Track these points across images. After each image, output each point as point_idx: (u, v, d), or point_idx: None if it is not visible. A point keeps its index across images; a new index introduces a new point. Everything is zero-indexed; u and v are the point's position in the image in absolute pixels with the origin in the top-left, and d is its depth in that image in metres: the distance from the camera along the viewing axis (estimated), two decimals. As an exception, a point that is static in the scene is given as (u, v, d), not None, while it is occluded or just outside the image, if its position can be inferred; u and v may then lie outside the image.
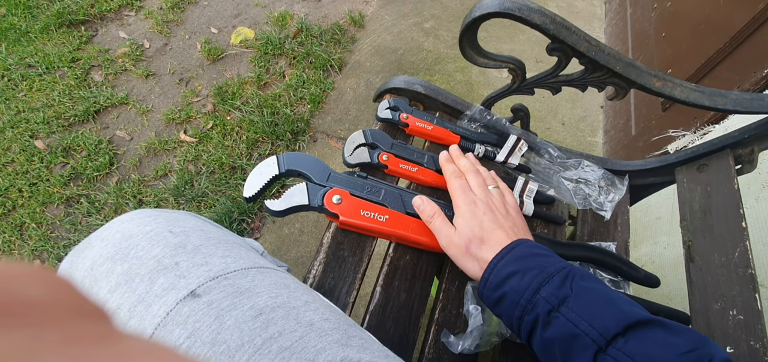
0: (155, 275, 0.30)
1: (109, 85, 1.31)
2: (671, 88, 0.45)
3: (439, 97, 0.60)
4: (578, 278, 0.34)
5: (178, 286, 0.30)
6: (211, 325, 0.28)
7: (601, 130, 1.28)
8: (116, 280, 0.30)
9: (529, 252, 0.37)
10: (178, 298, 0.29)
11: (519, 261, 0.36)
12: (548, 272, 0.35)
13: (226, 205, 1.05)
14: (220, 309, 0.29)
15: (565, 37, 0.43)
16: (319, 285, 0.45)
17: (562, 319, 0.32)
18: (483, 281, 0.38)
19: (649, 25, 1.14)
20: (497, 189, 0.47)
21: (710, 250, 0.47)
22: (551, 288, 0.34)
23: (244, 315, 0.29)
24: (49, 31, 1.41)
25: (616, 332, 0.30)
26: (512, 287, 0.35)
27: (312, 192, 0.47)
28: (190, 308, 0.29)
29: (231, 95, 1.30)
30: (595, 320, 0.31)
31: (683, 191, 0.53)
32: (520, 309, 0.34)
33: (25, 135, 1.16)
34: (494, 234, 0.40)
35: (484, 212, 0.42)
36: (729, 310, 0.42)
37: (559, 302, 0.33)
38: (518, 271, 0.35)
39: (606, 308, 0.32)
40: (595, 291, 0.33)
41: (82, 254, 0.33)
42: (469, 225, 0.41)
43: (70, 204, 1.06)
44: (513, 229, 0.41)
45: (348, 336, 0.33)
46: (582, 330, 0.31)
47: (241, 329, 0.29)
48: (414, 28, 1.58)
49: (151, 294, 0.29)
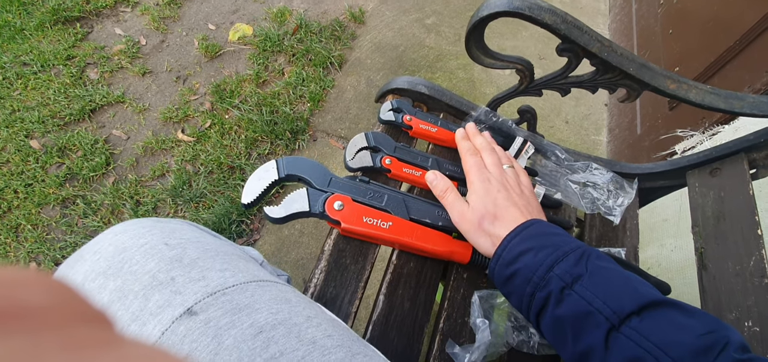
0: (150, 291, 0.29)
1: (105, 83, 1.29)
2: (686, 90, 0.43)
3: (443, 98, 0.59)
4: (594, 257, 0.34)
5: (174, 303, 0.28)
6: (208, 345, 0.27)
7: (606, 128, 1.26)
8: (109, 297, 0.29)
9: (544, 230, 0.37)
10: (174, 316, 0.28)
11: (533, 238, 0.36)
12: (563, 250, 0.34)
13: (224, 206, 1.03)
14: (218, 328, 0.28)
15: (577, 37, 0.41)
16: (321, 294, 0.44)
17: (576, 296, 0.31)
18: (495, 257, 0.37)
19: (655, 21, 1.12)
20: (512, 168, 0.46)
21: (724, 258, 0.45)
22: (566, 265, 0.33)
23: (243, 334, 0.28)
24: (44, 28, 1.39)
25: (630, 311, 0.30)
26: (525, 264, 0.34)
27: (313, 198, 0.46)
28: (187, 327, 0.27)
29: (229, 93, 1.28)
30: (610, 298, 0.31)
31: (695, 196, 0.52)
32: (532, 286, 0.34)
33: (20, 134, 1.14)
34: (508, 211, 0.40)
35: (498, 189, 0.42)
36: (744, 321, 0.41)
37: (572, 279, 0.32)
38: (532, 248, 0.35)
39: (621, 287, 0.31)
40: (611, 270, 0.33)
41: (73, 268, 0.32)
42: (482, 202, 0.41)
43: (66, 206, 1.05)
44: (527, 208, 0.41)
45: (352, 354, 0.32)
46: (596, 307, 0.30)
47: (241, 349, 0.27)
48: (415, 24, 1.56)
49: (145, 312, 0.28)
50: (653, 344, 0.28)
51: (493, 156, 0.46)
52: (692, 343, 0.28)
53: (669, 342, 0.28)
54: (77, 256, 0.33)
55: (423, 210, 0.48)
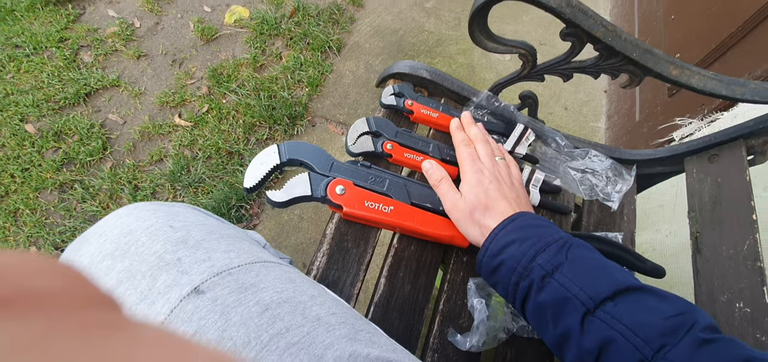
0: (157, 272, 0.29)
1: (100, 66, 1.27)
2: (688, 76, 0.43)
3: (444, 83, 0.58)
4: (574, 247, 0.35)
5: (181, 283, 0.29)
6: (216, 322, 0.28)
7: (604, 115, 1.26)
8: (117, 278, 0.29)
9: (530, 222, 0.38)
10: (182, 295, 0.28)
11: (519, 230, 0.37)
12: (545, 241, 0.36)
13: (223, 191, 1.03)
14: (226, 306, 0.28)
15: (582, 21, 0.41)
16: (323, 277, 0.45)
17: (555, 284, 0.33)
18: (483, 248, 0.39)
19: (657, 6, 1.11)
20: (504, 160, 0.47)
21: (719, 242, 0.46)
22: (547, 256, 0.35)
23: (249, 311, 0.29)
24: (35, 10, 1.35)
25: (605, 296, 0.31)
26: (510, 254, 0.36)
27: (315, 182, 0.46)
28: (195, 305, 0.28)
29: (226, 77, 1.27)
30: (587, 285, 0.32)
31: (692, 182, 0.52)
32: (516, 276, 0.35)
33: (15, 118, 1.12)
34: (498, 203, 0.41)
35: (490, 181, 0.43)
36: (736, 303, 0.42)
37: (553, 268, 0.34)
38: (517, 240, 0.36)
39: (598, 274, 0.33)
40: (589, 259, 0.34)
41: (78, 251, 0.32)
42: (474, 192, 0.42)
43: (64, 190, 1.04)
44: (516, 201, 0.42)
45: (356, 330, 0.33)
46: (573, 293, 0.32)
47: (248, 325, 0.28)
48: (415, 8, 1.53)
49: (153, 292, 0.28)
50: (624, 326, 0.30)
51: (487, 147, 0.47)
52: (661, 324, 0.30)
53: (639, 323, 0.30)
54: (82, 240, 0.33)
55: (424, 194, 0.48)
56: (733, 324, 0.42)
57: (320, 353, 0.29)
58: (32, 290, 0.08)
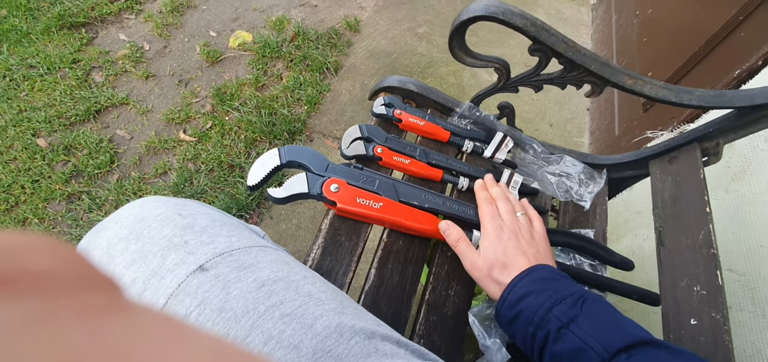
0: (167, 252, 0.33)
1: (110, 85, 1.34)
2: (641, 85, 0.49)
3: (430, 95, 0.64)
4: (589, 301, 0.37)
5: (188, 261, 0.32)
6: (218, 295, 0.31)
7: (588, 131, 1.33)
8: (131, 257, 0.33)
9: (546, 275, 0.40)
10: (188, 272, 0.32)
11: (536, 282, 0.39)
12: (562, 294, 0.37)
13: (224, 202, 1.07)
14: (227, 281, 0.32)
15: (545, 38, 0.47)
16: (318, 267, 0.49)
17: (571, 335, 0.35)
18: (501, 299, 0.40)
19: (632, 31, 1.19)
20: (525, 215, 0.48)
21: (678, 234, 0.51)
22: (563, 307, 0.36)
23: (248, 286, 0.32)
24: (50, 33, 1.44)
25: (619, 348, 0.33)
26: (527, 305, 0.38)
27: (311, 181, 0.50)
28: (200, 280, 0.31)
29: (229, 96, 1.34)
30: (601, 337, 0.34)
31: (656, 182, 0.57)
32: (533, 326, 0.37)
33: (27, 133, 1.18)
34: (516, 260, 0.42)
35: (509, 238, 0.44)
36: (693, 286, 0.46)
37: (569, 320, 0.35)
38: (534, 291, 0.38)
39: (612, 327, 0.34)
40: (604, 312, 0.36)
41: (98, 235, 0.36)
42: (493, 250, 0.44)
43: (72, 201, 1.08)
44: (535, 256, 0.43)
45: (343, 306, 0.36)
46: (588, 344, 0.34)
47: (246, 298, 0.31)
48: (408, 33, 1.63)
49: (163, 269, 0.32)
50: None
51: (507, 204, 0.49)
52: None
53: None
54: (100, 226, 0.37)
55: (411, 193, 0.53)
56: (692, 306, 0.46)
57: (310, 322, 0.32)
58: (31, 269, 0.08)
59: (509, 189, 0.58)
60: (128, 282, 0.32)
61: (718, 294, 0.44)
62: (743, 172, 0.65)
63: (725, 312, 0.43)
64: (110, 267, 0.33)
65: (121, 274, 0.32)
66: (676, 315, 0.46)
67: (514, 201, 0.51)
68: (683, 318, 0.45)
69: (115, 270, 0.33)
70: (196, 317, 0.30)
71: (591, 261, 0.54)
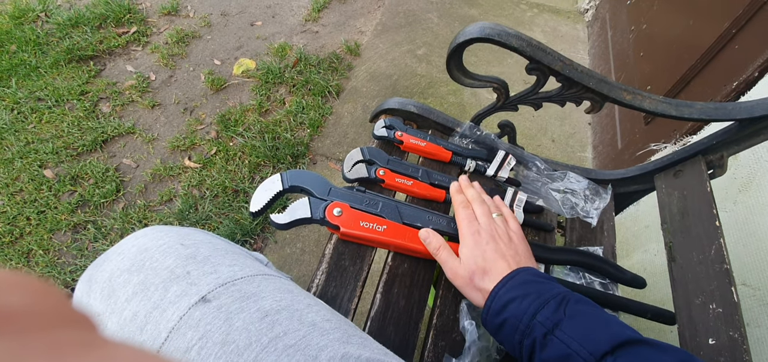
0: (169, 283, 0.33)
1: (117, 115, 1.36)
2: (640, 100, 0.49)
3: (430, 116, 0.65)
4: (572, 302, 0.36)
5: (190, 293, 0.32)
6: (221, 327, 0.30)
7: (590, 145, 1.33)
8: (133, 289, 0.32)
9: (528, 278, 0.39)
10: (190, 304, 0.31)
11: (518, 287, 0.39)
12: (544, 298, 0.37)
13: (229, 227, 1.07)
14: (229, 313, 0.31)
15: (541, 58, 0.48)
16: (322, 293, 0.48)
17: (557, 341, 0.34)
18: (485, 309, 0.40)
19: (628, 46, 1.21)
20: (501, 217, 0.48)
21: (689, 249, 0.50)
22: (547, 312, 0.36)
23: (251, 317, 0.32)
24: (58, 66, 1.48)
25: (605, 350, 0.32)
26: (511, 312, 0.37)
27: (314, 205, 0.50)
28: (202, 312, 0.31)
29: (234, 122, 1.36)
30: (586, 340, 0.33)
31: (662, 196, 0.57)
32: (519, 334, 0.36)
33: (34, 165, 1.19)
34: (496, 264, 0.42)
35: (487, 242, 0.44)
36: (709, 304, 0.45)
37: (553, 325, 0.35)
38: (517, 297, 0.38)
39: (597, 329, 0.34)
40: (587, 313, 0.36)
41: (100, 268, 0.36)
42: (473, 255, 0.43)
43: (77, 231, 1.09)
44: (514, 258, 0.43)
45: (348, 335, 0.35)
46: (573, 350, 0.33)
47: (249, 330, 0.31)
48: (407, 55, 1.66)
49: (165, 301, 0.32)
50: None
51: (483, 206, 0.48)
52: None
53: None
54: (103, 258, 0.37)
55: (414, 215, 0.53)
56: (708, 325, 0.44)
57: (315, 354, 0.31)
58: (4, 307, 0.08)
59: (513, 208, 0.57)
60: (130, 316, 0.31)
61: (735, 312, 0.43)
62: (750, 183, 0.64)
63: (743, 331, 0.42)
64: (112, 299, 0.33)
65: (123, 308, 0.32)
66: (693, 335, 0.44)
67: (489, 202, 0.50)
68: (701, 338, 0.43)
69: (117, 304, 0.32)
70: (198, 351, 0.30)
71: (601, 280, 0.53)
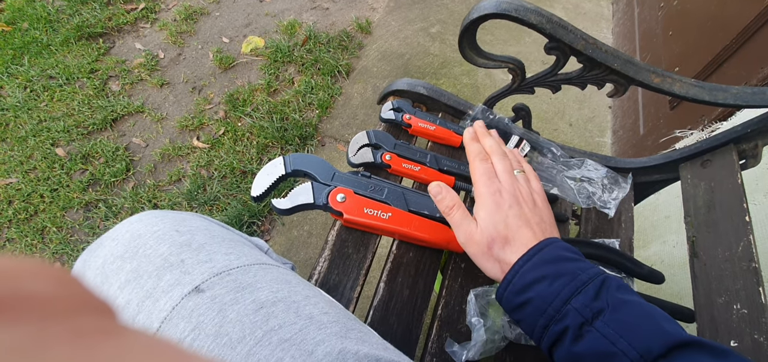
0: (162, 272, 0.31)
1: (126, 94, 1.36)
2: (670, 83, 0.45)
3: (441, 99, 0.62)
4: (613, 289, 0.32)
5: (184, 282, 0.31)
6: (214, 319, 0.29)
7: (610, 130, 1.27)
8: (125, 277, 0.31)
9: (559, 255, 0.34)
10: (183, 293, 0.30)
11: (547, 265, 0.33)
12: (581, 280, 0.32)
13: (237, 208, 1.07)
14: (223, 304, 0.30)
15: (562, 35, 0.44)
16: (324, 281, 0.47)
17: (597, 334, 0.30)
18: (505, 283, 0.35)
19: (656, 24, 1.13)
20: (523, 174, 0.42)
21: (714, 245, 0.47)
22: (584, 299, 0.31)
23: (245, 309, 0.30)
24: (68, 44, 1.48)
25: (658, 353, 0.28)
26: (538, 293, 0.32)
27: (317, 191, 0.49)
28: (195, 302, 0.30)
29: (242, 102, 1.34)
30: (635, 339, 0.29)
31: (687, 187, 0.53)
32: (546, 318, 0.32)
33: (47, 143, 1.21)
34: (520, 232, 0.36)
35: (510, 205, 0.37)
36: (733, 304, 0.42)
37: (592, 315, 0.30)
38: (547, 276, 0.33)
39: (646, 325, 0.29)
40: (634, 304, 0.31)
41: (94, 253, 0.35)
42: (492, 221, 0.37)
43: (89, 209, 1.11)
44: (540, 226, 0.37)
45: (347, 329, 0.34)
46: (620, 348, 0.29)
47: (243, 322, 0.30)
48: (420, 33, 1.60)
49: (158, 290, 0.30)
50: None
51: (505, 161, 0.41)
52: None
53: None
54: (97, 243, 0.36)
55: (421, 202, 0.51)
56: (731, 326, 0.42)
57: (311, 349, 0.30)
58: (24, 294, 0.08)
59: None
60: (122, 304, 0.31)
61: (762, 314, 0.40)
62: (785, 174, 0.59)
63: (771, 334, 0.39)
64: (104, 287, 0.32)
65: (116, 295, 0.31)
66: (713, 335, 0.42)
67: (511, 156, 0.43)
68: (722, 339, 0.41)
69: (110, 291, 0.32)
70: (190, 343, 0.29)
71: (617, 274, 0.50)
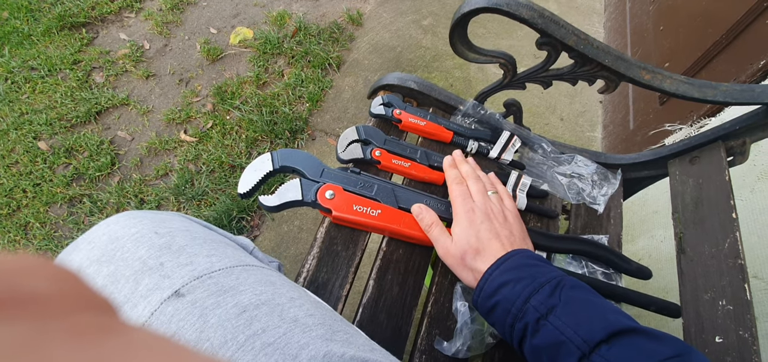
0: (140, 276, 0.30)
1: (110, 86, 1.33)
2: (661, 80, 0.45)
3: (432, 93, 0.61)
4: (567, 288, 0.35)
5: (163, 286, 0.30)
6: (194, 324, 0.28)
7: (600, 125, 1.28)
8: (102, 282, 0.30)
9: (523, 262, 0.38)
10: (163, 298, 0.29)
11: (512, 271, 0.37)
12: (539, 282, 0.36)
13: (225, 203, 1.06)
14: (204, 308, 0.29)
15: (554, 31, 0.43)
16: (313, 279, 0.46)
17: (550, 327, 0.33)
18: (477, 290, 0.39)
19: (647, 18, 1.13)
20: (496, 194, 0.47)
21: (701, 242, 0.47)
22: (541, 297, 0.35)
23: (227, 313, 0.30)
24: (50, 34, 1.43)
25: (600, 339, 0.31)
26: (504, 296, 0.36)
27: (305, 187, 0.48)
28: (174, 307, 0.29)
29: (230, 95, 1.31)
30: (581, 327, 0.32)
31: (675, 183, 0.53)
32: (511, 317, 0.36)
33: (29, 136, 1.17)
34: (490, 244, 0.41)
35: (482, 221, 0.43)
36: (718, 300, 0.43)
37: (547, 310, 0.34)
38: (511, 281, 0.37)
39: (592, 316, 0.33)
40: (583, 300, 0.35)
41: (69, 257, 0.33)
42: (466, 235, 0.42)
43: (73, 204, 1.08)
44: (509, 239, 0.42)
45: (333, 331, 0.33)
46: (567, 337, 0.32)
47: (225, 327, 0.29)
48: (412, 26, 1.58)
49: (136, 295, 0.29)
50: None
51: (478, 183, 0.47)
52: None
53: None
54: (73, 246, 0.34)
55: (411, 198, 0.50)
56: (716, 322, 0.42)
57: (295, 352, 0.29)
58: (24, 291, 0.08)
59: (517, 192, 0.54)
60: None
61: (747, 310, 0.41)
62: (771, 170, 0.60)
63: (754, 331, 0.39)
64: None
65: None
66: (699, 331, 0.42)
67: (485, 179, 0.49)
68: (707, 334, 0.41)
69: None
70: None
71: (605, 270, 0.50)
